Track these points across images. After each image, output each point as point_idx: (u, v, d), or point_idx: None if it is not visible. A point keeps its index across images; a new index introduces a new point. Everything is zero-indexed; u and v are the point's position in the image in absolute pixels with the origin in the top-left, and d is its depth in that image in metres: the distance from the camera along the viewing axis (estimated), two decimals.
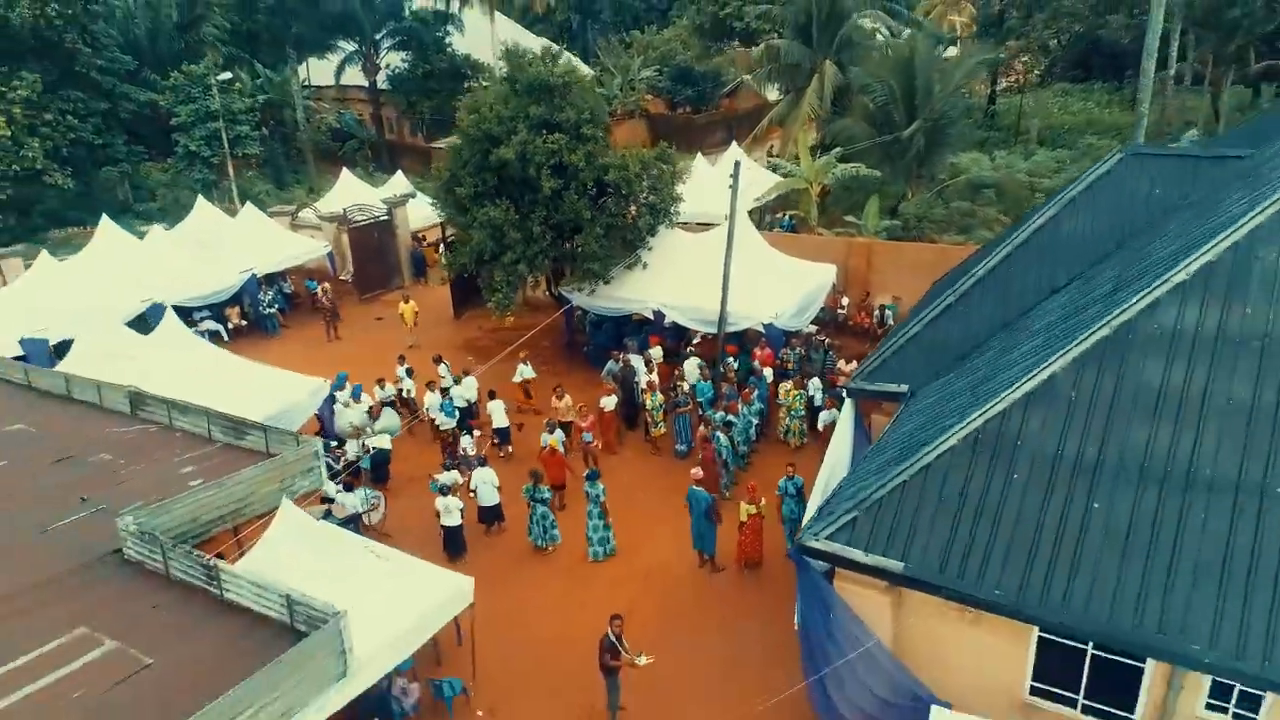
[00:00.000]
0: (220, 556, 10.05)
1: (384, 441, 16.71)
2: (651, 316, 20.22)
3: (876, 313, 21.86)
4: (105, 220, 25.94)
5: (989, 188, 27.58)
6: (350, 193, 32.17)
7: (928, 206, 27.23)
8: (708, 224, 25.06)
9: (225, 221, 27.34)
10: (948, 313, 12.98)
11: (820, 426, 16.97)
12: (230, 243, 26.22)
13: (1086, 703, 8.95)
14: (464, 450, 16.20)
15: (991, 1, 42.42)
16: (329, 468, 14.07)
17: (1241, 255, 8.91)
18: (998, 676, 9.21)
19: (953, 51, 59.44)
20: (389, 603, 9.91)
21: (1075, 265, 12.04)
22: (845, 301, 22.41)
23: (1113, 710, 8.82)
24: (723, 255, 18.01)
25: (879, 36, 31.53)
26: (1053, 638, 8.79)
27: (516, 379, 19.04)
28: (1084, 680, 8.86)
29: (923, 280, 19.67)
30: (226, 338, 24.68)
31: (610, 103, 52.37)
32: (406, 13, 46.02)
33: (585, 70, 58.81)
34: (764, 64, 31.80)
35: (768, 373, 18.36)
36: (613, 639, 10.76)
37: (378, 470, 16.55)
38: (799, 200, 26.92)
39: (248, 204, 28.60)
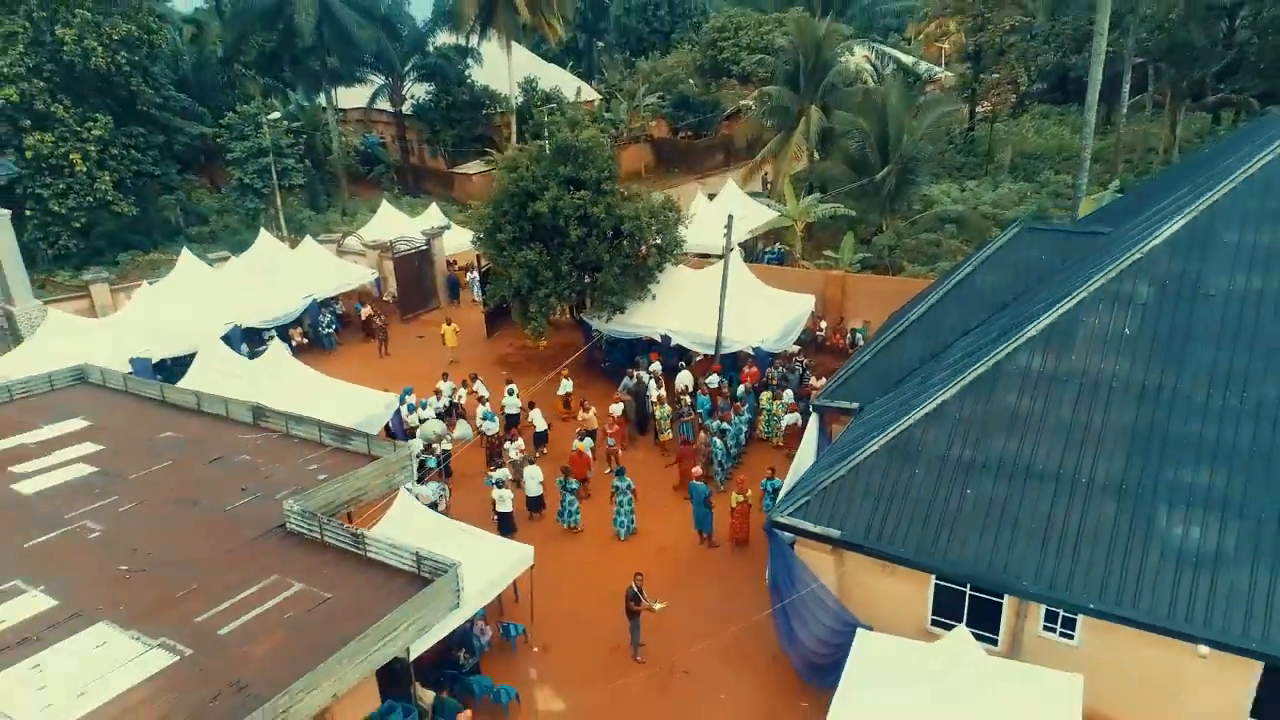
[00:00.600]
0: None
1: (448, 444, 20.72)
2: (659, 340, 24.22)
3: (849, 334, 25.86)
4: (185, 252, 29.86)
5: (953, 221, 31.51)
6: (388, 221, 36.25)
7: (898, 238, 31.24)
8: (706, 255, 29.15)
9: (286, 252, 31.36)
10: (889, 346, 16.97)
11: (783, 427, 21.09)
12: (291, 271, 30.22)
13: (968, 628, 12.91)
14: (510, 456, 20.10)
15: (967, 41, 46.17)
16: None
17: (1070, 319, 12.88)
18: (908, 611, 13.17)
19: (938, 70, 63.24)
20: (473, 563, 13.83)
21: (982, 314, 15.99)
22: (824, 325, 26.41)
23: (985, 633, 12.78)
24: (723, 295, 22.01)
25: (862, 79, 35.26)
26: (943, 583, 12.77)
27: (560, 392, 23.01)
28: (965, 612, 12.83)
29: (888, 306, 23.65)
30: (291, 354, 28.65)
31: (616, 127, 56.48)
32: (430, 48, 49.89)
33: (593, 94, 63.00)
34: (758, 106, 35.71)
35: (742, 389, 22.37)
36: (635, 590, 14.74)
37: (445, 468, 20.53)
38: (786, 234, 30.89)
39: (306, 238, 32.53)
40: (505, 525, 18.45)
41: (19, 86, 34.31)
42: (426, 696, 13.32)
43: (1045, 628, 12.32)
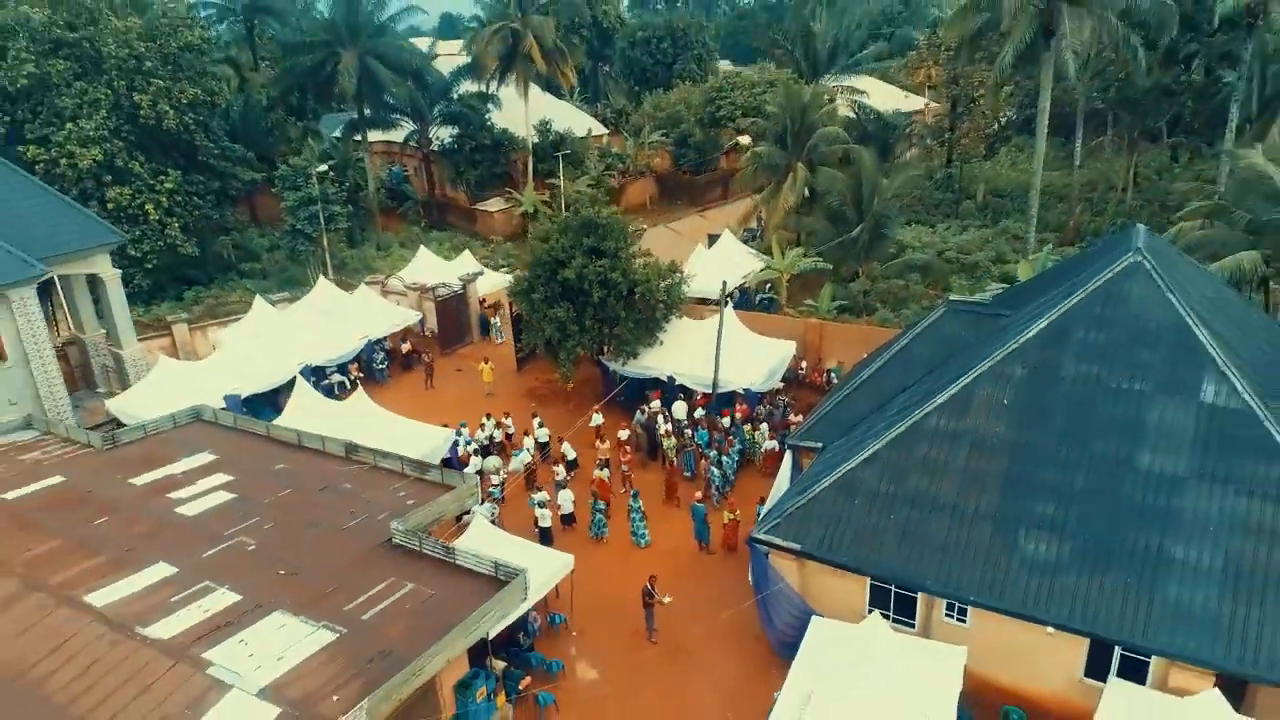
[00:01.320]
0: None
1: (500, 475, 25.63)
2: (666, 380, 29.08)
3: (825, 373, 30.71)
4: (258, 299, 34.80)
5: (919, 269, 36.36)
6: (425, 264, 41.11)
7: (872, 283, 36.12)
8: (705, 299, 33.96)
9: (343, 296, 36.24)
10: (846, 399, 21.83)
11: (763, 452, 25.95)
12: (348, 314, 35.12)
13: (894, 616, 17.75)
14: (555, 479, 24.94)
15: (944, 90, 50.82)
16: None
17: (967, 391, 17.74)
18: (850, 603, 18.00)
19: (919, 105, 67.67)
20: (531, 567, 18.66)
21: (915, 375, 20.82)
22: (804, 364, 31.26)
23: (905, 619, 17.61)
24: (719, 344, 26.89)
25: (842, 138, 39.83)
26: (875, 583, 17.62)
27: (591, 424, 27.84)
28: (891, 604, 17.67)
29: (858, 348, 28.68)
30: (350, 387, 33.50)
31: (623, 161, 61.41)
32: (455, 94, 54.73)
33: (601, 129, 67.68)
34: (751, 162, 40.54)
35: (727, 422, 27.27)
36: (649, 588, 19.62)
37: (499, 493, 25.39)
38: (775, 281, 35.76)
39: (362, 286, 37.43)
40: (545, 538, 23.30)
41: (103, 147, 39.16)
42: (498, 666, 18.19)
43: (945, 615, 17.17)
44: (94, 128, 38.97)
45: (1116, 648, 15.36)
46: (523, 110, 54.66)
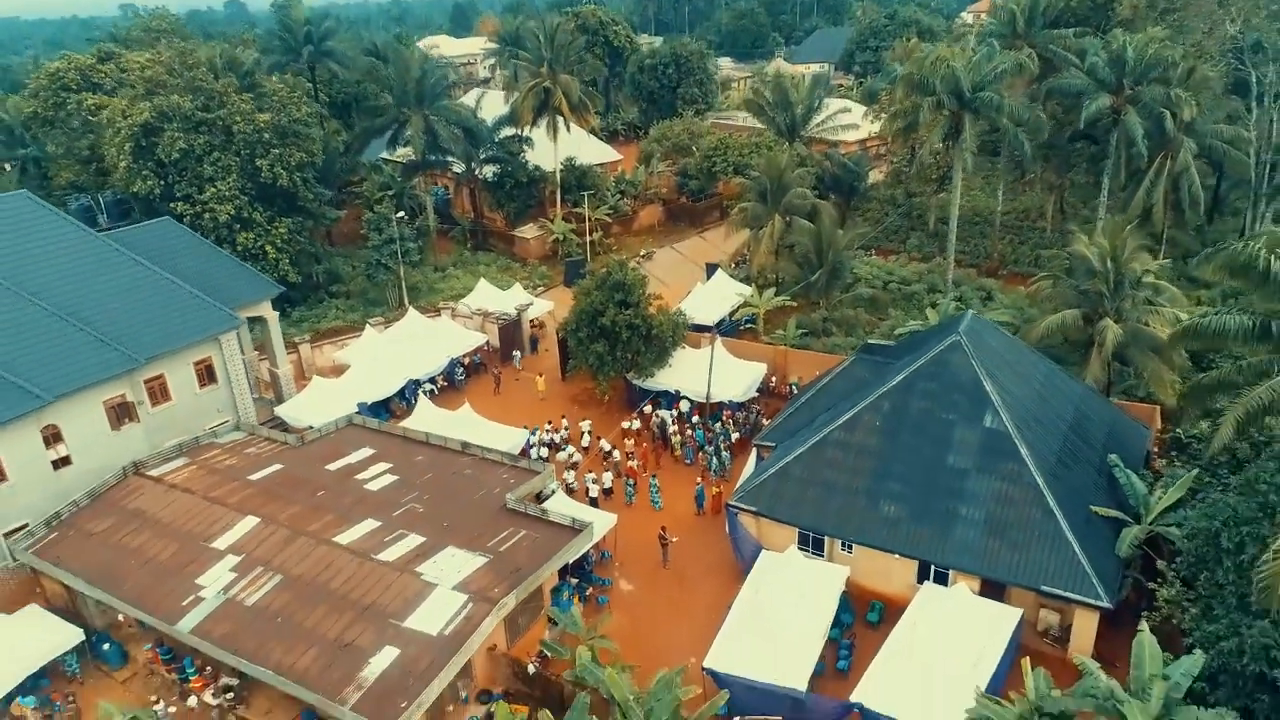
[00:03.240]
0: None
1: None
2: (674, 392, 40.73)
3: (789, 386, 42.31)
4: (368, 328, 46.41)
5: (867, 301, 47.78)
6: (485, 293, 52.44)
7: (829, 313, 47.62)
8: (702, 326, 45.39)
9: (429, 323, 47.79)
10: (791, 415, 33.53)
11: (733, 440, 37.70)
12: (435, 336, 46.69)
13: (811, 550, 29.52)
14: (609, 464, 36.73)
15: (903, 141, 61.52)
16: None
17: (857, 416, 29.39)
18: (785, 542, 29.79)
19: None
20: (592, 522, 30.39)
21: (832, 403, 32.43)
22: (774, 379, 42.87)
23: (818, 552, 29.40)
24: (709, 363, 38.53)
25: (808, 199, 50.81)
26: (801, 531, 29.45)
27: (624, 425, 39.49)
28: (810, 544, 29.49)
29: (811, 369, 40.25)
30: (438, 393, 45.07)
31: (635, 187, 72.58)
32: (497, 139, 65.78)
33: (615, 155, 78.59)
34: (738, 215, 51.80)
35: (718, 426, 39.02)
36: (663, 534, 31.54)
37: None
38: (755, 314, 47.31)
39: (444, 313, 49.02)
40: (594, 504, 35.10)
41: (234, 203, 50.53)
42: (570, 582, 30.11)
43: (840, 549, 28.98)
44: (227, 188, 50.32)
45: (931, 566, 27.16)
46: (552, 149, 65.67)
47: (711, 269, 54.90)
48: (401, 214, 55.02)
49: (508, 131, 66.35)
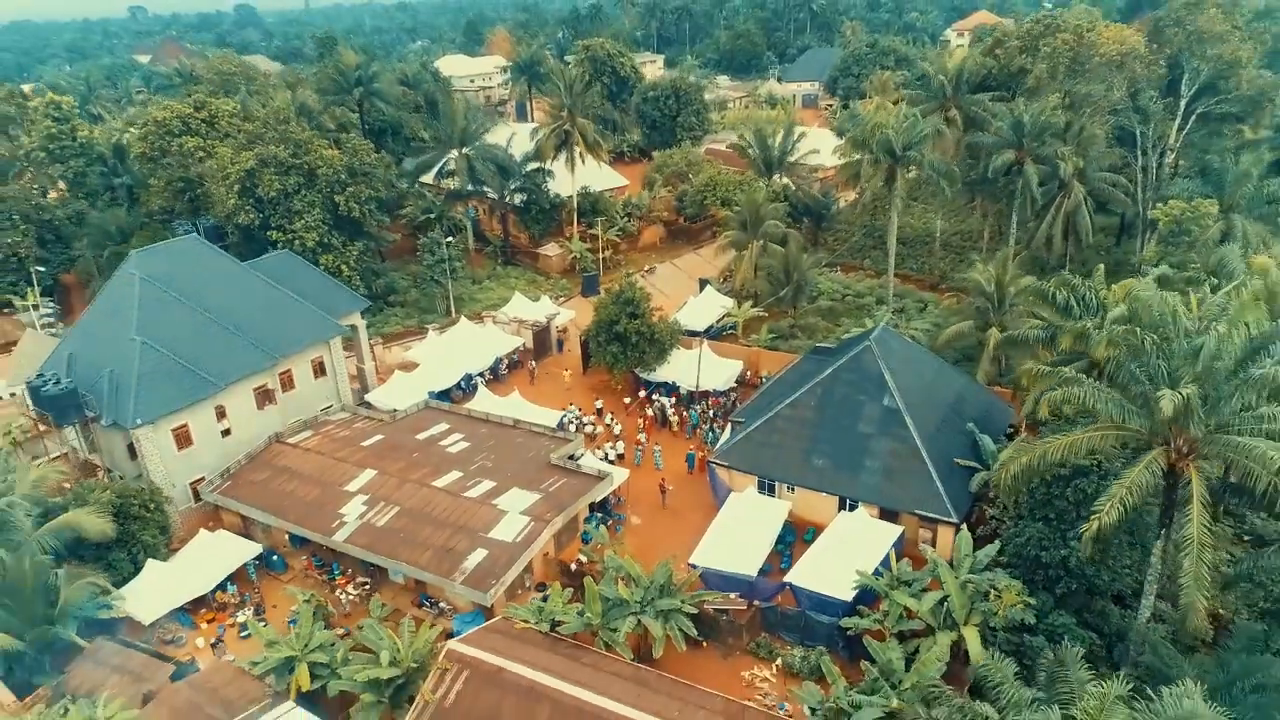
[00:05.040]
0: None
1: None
2: (671, 383, 53.08)
3: (761, 378, 54.59)
4: (430, 332, 58.75)
5: (825, 312, 60.03)
6: (520, 304, 64.68)
7: (795, 321, 59.91)
8: (693, 331, 57.73)
9: (478, 329, 60.15)
10: (757, 400, 45.87)
11: (711, 415, 50.25)
12: (484, 339, 59.03)
13: (765, 493, 41.77)
14: (619, 437, 49.12)
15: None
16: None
17: (799, 399, 41.69)
18: (747, 486, 42.12)
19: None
20: (611, 474, 42.67)
21: (786, 389, 44.71)
22: (748, 373, 55.17)
23: (769, 494, 41.70)
24: (697, 361, 50.88)
25: (780, 227, 63.11)
26: (760, 479, 41.78)
27: (627, 401, 51.89)
28: (767, 489, 41.81)
29: (777, 365, 52.58)
30: (486, 384, 57.34)
31: (640, 209, 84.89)
32: (524, 172, 78.12)
33: (623, 181, 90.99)
34: (725, 239, 64.07)
35: (700, 409, 51.42)
36: (662, 483, 43.98)
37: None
38: (736, 323, 59.63)
39: (489, 321, 61.44)
40: (610, 464, 47.41)
41: (319, 231, 62.88)
42: (596, 515, 42.48)
43: (786, 490, 41.29)
44: (313, 219, 62.70)
45: (846, 499, 39.48)
46: (570, 179, 77.93)
47: (703, 284, 67.22)
48: (451, 239, 67.36)
49: (533, 165, 78.59)
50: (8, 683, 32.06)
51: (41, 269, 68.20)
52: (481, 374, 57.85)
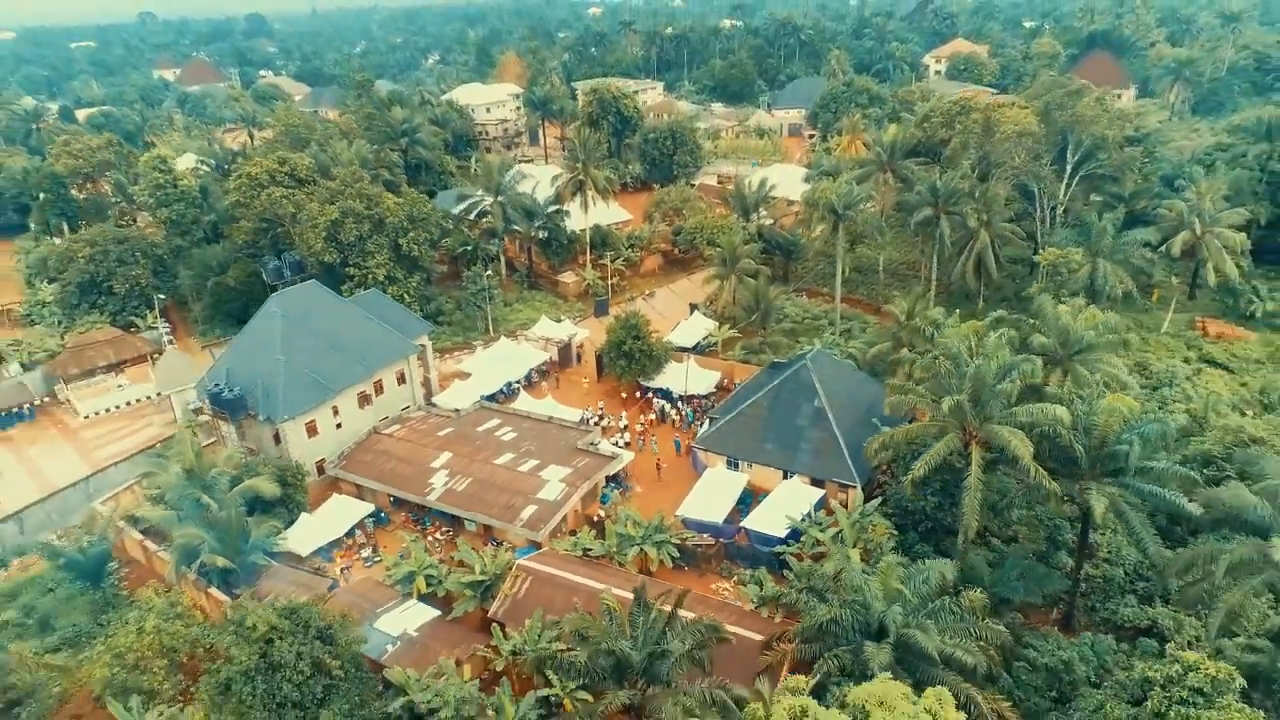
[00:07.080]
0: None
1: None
2: (666, 389, 69.53)
3: (735, 385, 70.96)
4: (477, 348, 75.21)
5: (790, 331, 76.42)
6: (545, 325, 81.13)
7: (765, 338, 76.38)
8: (683, 348, 74.24)
9: (514, 345, 76.60)
10: (731, 400, 62.49)
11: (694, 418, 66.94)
12: (520, 354, 75.48)
13: (732, 469, 58.12)
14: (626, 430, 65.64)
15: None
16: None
17: (755, 403, 58.10)
18: (718, 463, 58.50)
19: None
20: (621, 456, 59.03)
21: (747, 395, 61.09)
22: (726, 381, 71.54)
23: (735, 469, 58.10)
24: (685, 372, 67.34)
25: (759, 245, 79.47)
26: (730, 458, 58.22)
27: (652, 415, 68.46)
28: (735, 466, 58.24)
29: (747, 376, 69.11)
30: (520, 389, 73.61)
31: (641, 240, 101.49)
32: (546, 213, 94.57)
33: (627, 215, 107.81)
34: (711, 273, 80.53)
35: (689, 409, 67.98)
36: (659, 463, 60.50)
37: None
38: (716, 341, 76.07)
39: (521, 339, 77.99)
40: (620, 448, 63.81)
41: (386, 268, 79.39)
42: (610, 485, 58.95)
43: (746, 466, 57.69)
44: (383, 259, 79.25)
45: (786, 472, 55.90)
46: (583, 217, 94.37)
47: (692, 308, 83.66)
48: (490, 272, 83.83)
49: (553, 207, 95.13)
50: (221, 589, 48.59)
51: (162, 295, 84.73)
52: (519, 381, 74.31)
